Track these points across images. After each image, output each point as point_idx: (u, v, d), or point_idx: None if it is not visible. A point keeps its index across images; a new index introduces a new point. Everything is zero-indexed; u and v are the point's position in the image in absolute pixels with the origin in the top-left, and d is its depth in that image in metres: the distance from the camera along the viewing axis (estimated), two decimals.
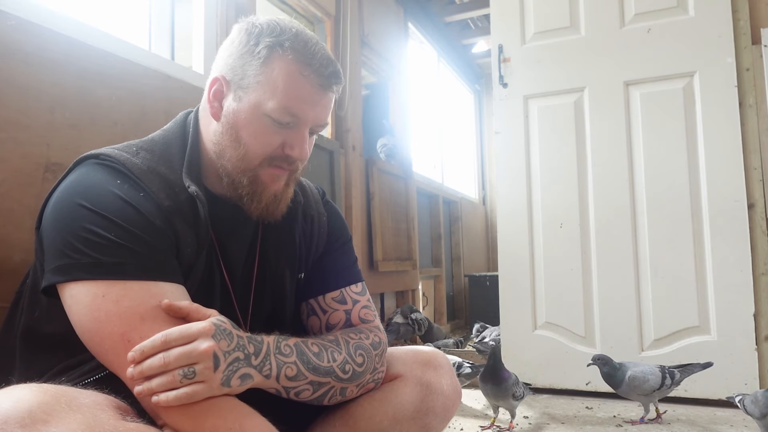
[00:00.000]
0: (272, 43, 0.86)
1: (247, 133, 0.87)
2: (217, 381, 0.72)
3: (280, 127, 0.88)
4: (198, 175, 0.90)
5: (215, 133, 0.91)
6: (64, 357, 0.83)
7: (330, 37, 2.92)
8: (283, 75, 0.86)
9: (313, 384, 0.86)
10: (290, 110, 0.86)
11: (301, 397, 0.86)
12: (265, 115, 0.86)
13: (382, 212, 3.25)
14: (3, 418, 0.57)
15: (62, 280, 0.76)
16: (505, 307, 2.51)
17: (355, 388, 0.93)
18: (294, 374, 0.83)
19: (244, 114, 0.87)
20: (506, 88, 2.57)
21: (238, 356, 0.75)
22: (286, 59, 0.86)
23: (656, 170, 2.30)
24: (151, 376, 0.70)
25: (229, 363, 0.74)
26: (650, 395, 1.86)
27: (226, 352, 0.74)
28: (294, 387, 0.84)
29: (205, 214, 0.87)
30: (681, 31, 2.29)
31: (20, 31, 1.25)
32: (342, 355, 0.91)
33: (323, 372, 0.87)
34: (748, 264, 2.14)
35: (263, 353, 0.79)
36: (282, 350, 0.82)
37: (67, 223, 0.78)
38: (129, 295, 0.75)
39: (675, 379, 1.86)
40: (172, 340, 0.71)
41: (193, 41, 2.02)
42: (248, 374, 0.76)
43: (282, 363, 0.81)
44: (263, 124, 0.87)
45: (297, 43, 0.87)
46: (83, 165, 0.85)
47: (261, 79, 0.86)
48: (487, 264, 5.85)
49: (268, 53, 0.86)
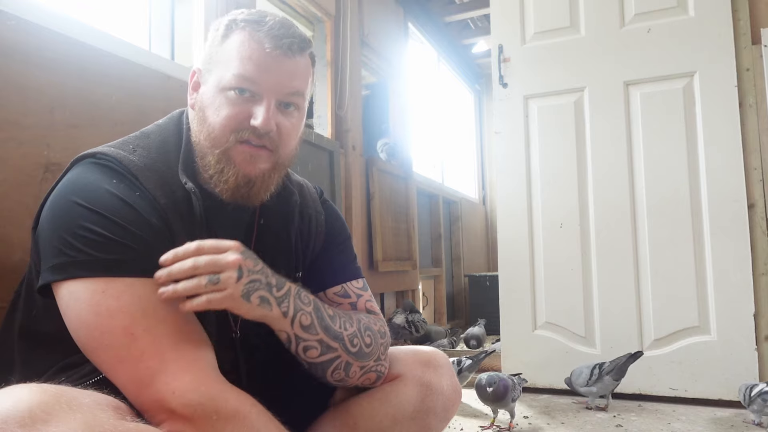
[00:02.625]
0: (229, 22, 0.89)
1: (211, 111, 0.88)
2: (238, 291, 0.77)
3: (243, 100, 0.86)
4: (193, 171, 0.90)
5: (192, 122, 0.92)
6: (62, 356, 0.83)
7: (330, 37, 2.92)
8: (236, 44, 0.87)
9: (322, 344, 0.88)
10: (245, 74, 0.85)
11: (308, 355, 0.88)
12: (225, 88, 0.87)
13: (382, 212, 3.25)
14: (3, 417, 0.57)
15: (60, 278, 0.76)
16: (505, 307, 2.51)
17: (359, 369, 0.94)
18: (308, 324, 0.86)
19: (209, 93, 0.89)
20: (506, 88, 2.57)
21: (260, 279, 0.80)
22: (240, 31, 0.88)
23: (656, 170, 2.30)
24: (178, 280, 0.75)
25: (251, 279, 0.79)
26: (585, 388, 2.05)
27: (250, 270, 0.79)
28: (305, 340, 0.86)
29: (200, 211, 0.87)
30: (681, 31, 2.29)
31: (20, 31, 1.25)
32: (353, 328, 0.94)
33: (333, 335, 0.90)
34: (748, 264, 2.14)
35: (284, 291, 0.84)
36: (302, 297, 0.87)
37: (64, 222, 0.78)
38: (130, 291, 0.75)
39: (603, 370, 2.01)
40: (204, 248, 0.76)
41: (193, 41, 2.02)
42: (267, 300, 0.81)
43: (299, 308, 0.86)
44: (225, 98, 0.87)
45: (251, 15, 0.89)
46: (80, 164, 0.86)
47: (220, 56, 0.89)
48: (487, 264, 5.85)
49: (225, 31, 0.89)
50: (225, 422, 0.72)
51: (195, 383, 0.72)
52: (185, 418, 0.71)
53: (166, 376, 0.72)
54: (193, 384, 0.72)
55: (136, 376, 0.73)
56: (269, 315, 0.82)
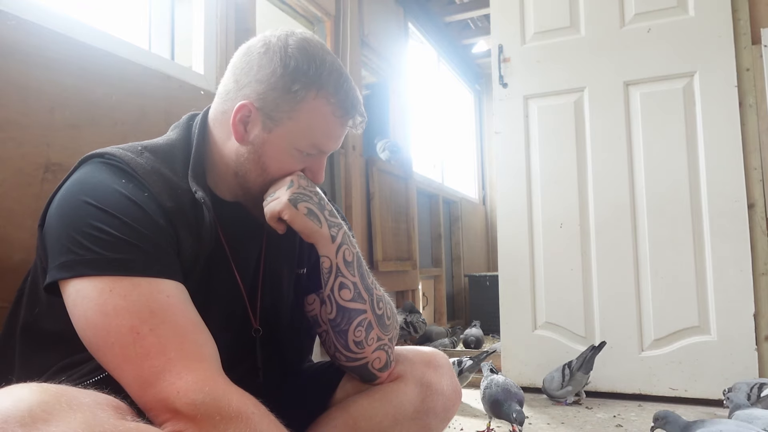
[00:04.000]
0: (308, 83, 0.89)
1: (273, 162, 0.92)
2: (286, 196, 0.89)
3: (305, 157, 0.94)
4: (203, 179, 0.92)
5: (238, 154, 0.92)
6: (63, 355, 0.83)
7: (330, 37, 2.92)
8: (317, 117, 0.90)
9: (356, 289, 0.94)
10: (319, 146, 0.93)
11: (341, 294, 0.94)
12: (295, 149, 0.92)
13: (382, 212, 3.25)
14: (3, 417, 0.57)
15: (67, 276, 0.76)
16: (505, 307, 2.51)
17: (376, 338, 0.97)
18: (350, 260, 0.94)
19: (274, 146, 0.91)
20: (506, 88, 2.57)
21: (311, 196, 0.92)
22: (320, 101, 0.90)
23: (656, 170, 2.30)
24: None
25: (300, 192, 0.91)
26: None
27: (301, 186, 0.92)
28: (343, 275, 0.93)
29: (211, 219, 0.87)
30: (681, 31, 2.29)
31: (20, 31, 1.25)
32: (381, 292, 1.00)
33: (366, 286, 0.96)
34: (748, 264, 2.14)
35: (337, 220, 0.94)
36: (351, 237, 0.96)
37: (72, 220, 0.78)
38: (137, 290, 0.75)
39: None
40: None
41: (193, 41, 2.02)
42: (315, 214, 0.91)
43: (346, 242, 0.94)
44: (290, 156, 0.92)
45: (331, 86, 0.90)
46: (88, 164, 0.86)
47: (294, 115, 0.89)
48: (487, 264, 5.85)
49: (304, 94, 0.89)
50: (228, 423, 0.72)
51: (199, 383, 0.72)
52: (189, 418, 0.71)
53: (171, 376, 0.72)
54: (197, 384, 0.72)
55: (141, 375, 0.72)
56: (318, 231, 0.91)
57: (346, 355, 0.98)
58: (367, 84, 3.62)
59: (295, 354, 1.10)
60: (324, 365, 1.12)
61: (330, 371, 1.08)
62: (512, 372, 2.42)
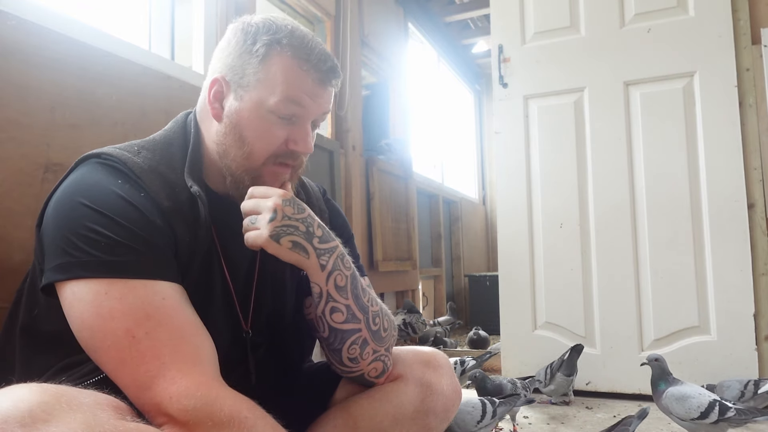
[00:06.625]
0: (270, 40, 0.88)
1: (250, 131, 0.89)
2: (267, 232, 0.83)
3: (283, 123, 0.90)
4: (200, 174, 0.91)
5: (218, 134, 0.91)
6: (63, 355, 0.83)
7: (330, 37, 2.92)
8: (282, 70, 0.87)
9: (349, 311, 0.91)
10: (293, 99, 0.88)
11: (333, 318, 0.90)
12: (269, 111, 0.88)
13: (382, 212, 3.25)
14: (3, 417, 0.57)
15: (63, 278, 0.75)
16: (505, 307, 2.51)
17: (372, 352, 0.95)
18: (343, 285, 0.90)
19: (247, 112, 0.89)
20: (506, 88, 2.57)
21: (297, 226, 0.86)
22: (284, 55, 0.88)
23: (656, 170, 2.30)
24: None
25: (284, 224, 0.84)
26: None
27: (286, 215, 0.85)
28: (335, 300, 0.90)
29: (205, 215, 0.87)
30: (681, 31, 2.29)
31: (20, 31, 1.25)
32: (378, 307, 0.97)
33: (361, 306, 0.93)
34: (748, 264, 2.14)
35: (328, 246, 0.89)
36: (344, 261, 0.91)
37: (68, 222, 0.78)
38: (133, 293, 0.75)
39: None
40: (254, 193, 0.87)
41: (193, 41, 2.02)
42: (302, 246, 0.86)
43: (338, 267, 0.90)
44: (266, 121, 0.89)
45: (294, 40, 0.89)
46: (85, 164, 0.86)
47: (261, 76, 0.88)
48: (487, 264, 5.85)
49: (266, 51, 0.88)
50: (220, 428, 0.71)
51: (192, 388, 0.72)
52: (181, 424, 0.70)
53: (165, 381, 0.72)
54: (189, 389, 0.72)
55: (137, 379, 0.72)
56: (305, 262, 0.87)
57: (340, 368, 0.98)
58: (367, 84, 3.62)
59: (296, 355, 1.10)
60: (324, 365, 1.11)
61: (330, 371, 1.08)
62: (512, 372, 2.42)
